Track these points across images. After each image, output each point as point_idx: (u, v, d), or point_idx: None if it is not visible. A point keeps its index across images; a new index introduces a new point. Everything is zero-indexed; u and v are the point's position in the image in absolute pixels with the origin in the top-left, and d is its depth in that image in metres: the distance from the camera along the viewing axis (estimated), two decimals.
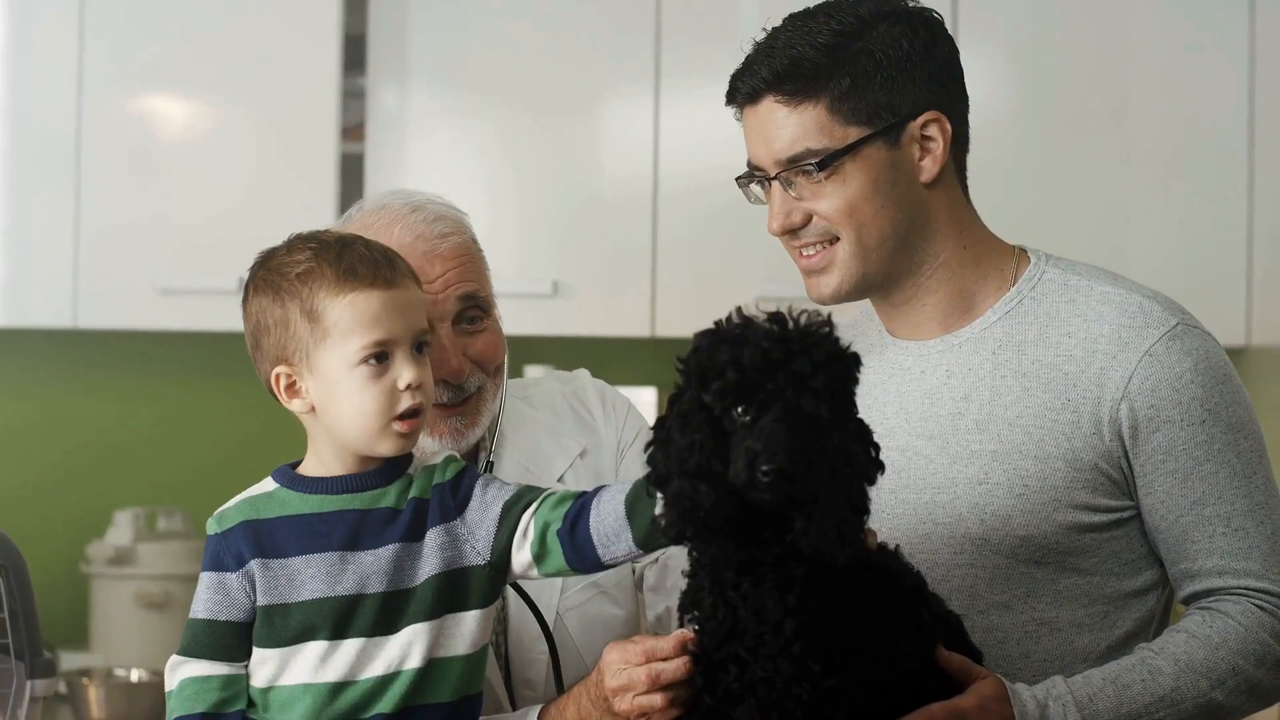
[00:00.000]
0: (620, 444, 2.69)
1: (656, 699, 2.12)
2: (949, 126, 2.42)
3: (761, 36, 2.44)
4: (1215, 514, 2.33)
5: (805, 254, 2.44)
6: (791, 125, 2.38)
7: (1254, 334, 4.43)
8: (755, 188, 2.48)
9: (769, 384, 1.97)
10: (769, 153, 2.40)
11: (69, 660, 4.46)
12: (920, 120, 2.41)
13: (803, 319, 2.01)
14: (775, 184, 2.41)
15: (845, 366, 2.02)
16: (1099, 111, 4.50)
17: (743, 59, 2.44)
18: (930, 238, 2.44)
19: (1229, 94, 4.48)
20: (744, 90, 2.42)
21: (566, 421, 2.71)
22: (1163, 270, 4.34)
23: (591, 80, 4.55)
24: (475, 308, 2.54)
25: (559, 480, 2.63)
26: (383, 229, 2.51)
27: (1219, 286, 4.45)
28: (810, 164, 2.37)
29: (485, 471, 2.58)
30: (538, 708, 2.37)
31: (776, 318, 2.01)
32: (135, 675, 4.29)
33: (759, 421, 1.96)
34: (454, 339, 2.51)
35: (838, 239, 2.41)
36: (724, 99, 2.47)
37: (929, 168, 2.42)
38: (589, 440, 2.69)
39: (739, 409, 1.98)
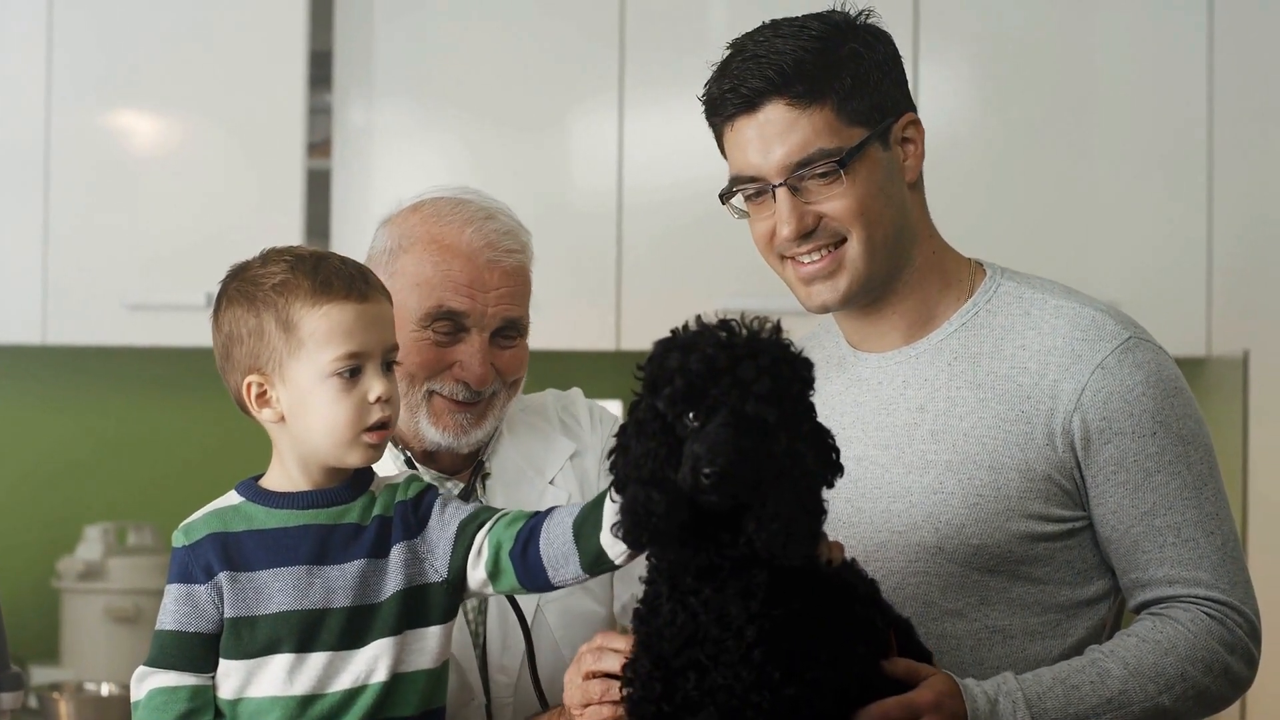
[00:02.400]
0: (604, 451, 2.72)
1: (604, 713, 2.20)
2: (923, 128, 2.47)
3: (723, 56, 2.44)
4: (1166, 524, 2.35)
5: (809, 260, 2.44)
6: (802, 127, 2.38)
7: (1214, 344, 4.46)
8: (738, 202, 2.48)
9: (714, 389, 2.00)
10: (775, 159, 2.39)
11: (40, 675, 4.45)
12: (902, 121, 2.45)
13: (754, 325, 2.04)
14: (781, 190, 2.40)
15: (793, 370, 2.04)
16: (1059, 123, 4.53)
17: (715, 75, 2.44)
18: (913, 240, 2.47)
19: (1190, 105, 4.51)
20: (739, 99, 2.40)
21: (556, 427, 2.77)
22: (1123, 281, 4.39)
23: (556, 95, 4.57)
24: (513, 329, 2.62)
25: (550, 481, 2.70)
26: (456, 225, 2.59)
27: (1179, 297, 4.48)
28: (830, 163, 2.37)
29: (477, 471, 2.65)
30: None
31: (725, 324, 2.04)
32: (106, 689, 4.28)
33: (706, 427, 2.00)
34: (486, 349, 2.58)
35: (844, 240, 2.42)
36: (707, 112, 2.46)
37: (913, 167, 2.46)
38: (577, 445, 2.76)
39: (690, 415, 2.01)
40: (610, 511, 2.11)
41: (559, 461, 2.72)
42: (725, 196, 2.48)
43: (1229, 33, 4.50)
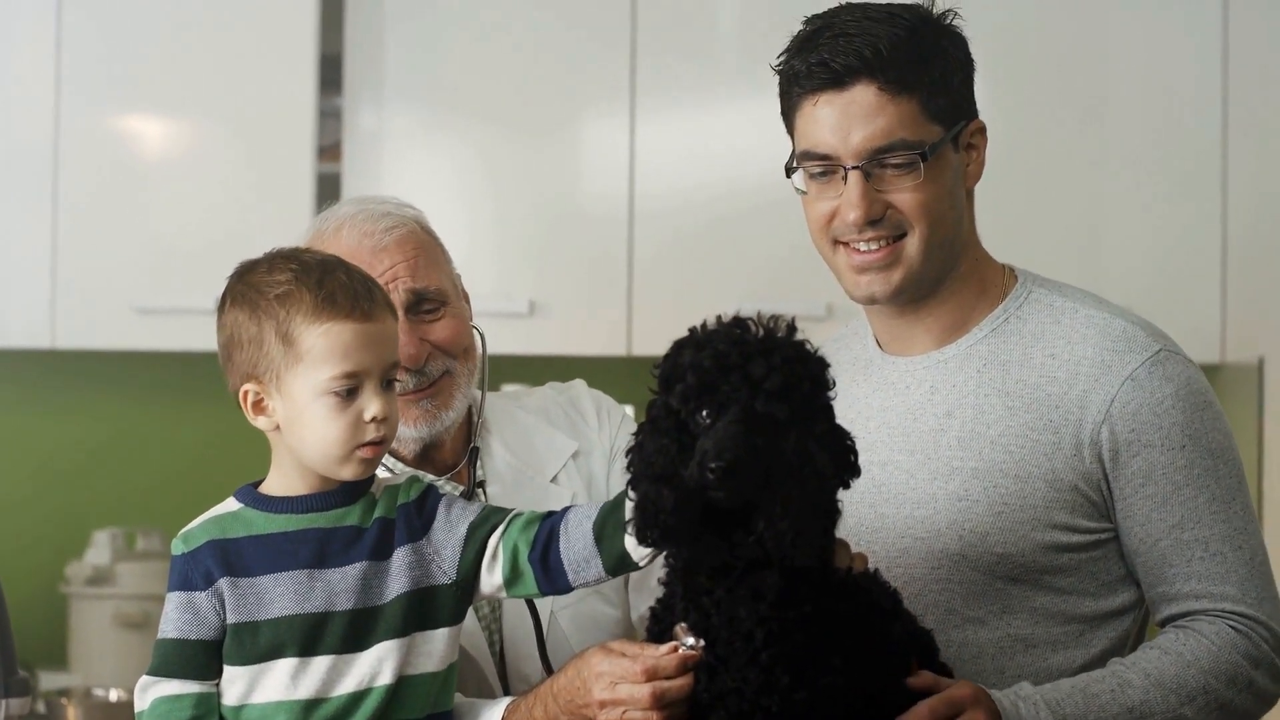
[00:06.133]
0: (613, 449, 2.71)
1: (653, 717, 2.11)
2: (987, 137, 2.46)
3: (802, 30, 2.41)
4: (1193, 538, 2.33)
5: (866, 249, 2.40)
6: (889, 114, 2.35)
7: (1228, 351, 4.44)
8: (798, 180, 2.44)
9: (725, 386, 1.99)
10: (854, 141, 2.36)
11: (48, 680, 4.45)
12: (971, 127, 2.44)
13: (769, 323, 2.04)
14: (855, 174, 2.36)
15: (806, 369, 2.04)
16: (1072, 125, 4.51)
17: (796, 48, 2.39)
18: (963, 246, 2.46)
19: (1204, 107, 4.49)
20: (828, 73, 2.36)
21: (560, 425, 2.73)
22: (1137, 287, 4.36)
23: (567, 99, 4.56)
24: (426, 301, 2.57)
25: (552, 480, 2.66)
26: (330, 235, 2.56)
27: (1193, 303, 4.46)
28: (912, 155, 2.35)
29: (471, 460, 2.62)
30: (505, 701, 2.35)
31: (741, 322, 2.04)
32: (114, 695, 4.28)
33: (716, 423, 1.99)
34: (408, 327, 2.52)
35: (904, 235, 2.39)
36: (783, 84, 2.42)
37: (974, 174, 2.45)
38: (581, 443, 2.72)
39: (703, 412, 2.00)
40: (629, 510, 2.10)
41: (559, 460, 2.68)
42: (789, 171, 2.45)
43: (1244, 32, 4.47)
